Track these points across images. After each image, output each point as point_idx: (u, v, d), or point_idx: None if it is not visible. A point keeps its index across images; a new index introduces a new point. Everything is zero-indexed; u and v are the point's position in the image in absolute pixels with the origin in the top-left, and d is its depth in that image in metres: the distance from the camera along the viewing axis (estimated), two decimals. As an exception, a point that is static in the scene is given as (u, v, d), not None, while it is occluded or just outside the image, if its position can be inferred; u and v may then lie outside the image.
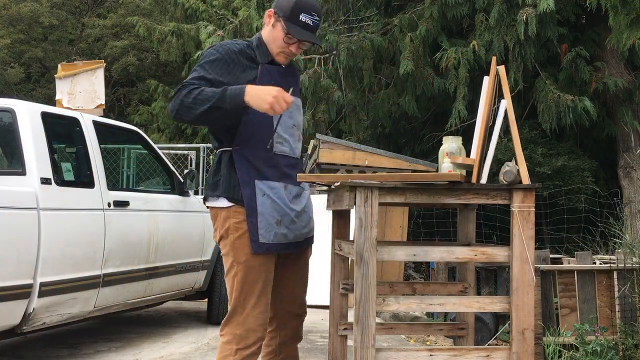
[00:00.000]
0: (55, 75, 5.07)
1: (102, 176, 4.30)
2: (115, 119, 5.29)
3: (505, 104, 2.37)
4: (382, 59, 9.59)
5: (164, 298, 5.04)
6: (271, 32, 2.56)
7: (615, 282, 4.75)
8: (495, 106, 2.44)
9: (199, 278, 5.32)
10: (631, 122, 8.32)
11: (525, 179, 2.32)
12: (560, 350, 4.45)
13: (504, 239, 8.07)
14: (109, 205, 4.28)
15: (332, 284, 3.06)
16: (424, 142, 10.18)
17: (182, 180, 5.17)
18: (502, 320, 5.48)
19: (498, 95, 2.44)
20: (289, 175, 2.56)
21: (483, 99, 2.44)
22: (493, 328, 5.40)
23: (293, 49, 2.56)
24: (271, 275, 2.55)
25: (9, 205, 3.54)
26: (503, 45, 8.13)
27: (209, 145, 9.86)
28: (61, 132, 4.39)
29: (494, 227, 8.42)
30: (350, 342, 3.06)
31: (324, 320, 5.88)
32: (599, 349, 4.20)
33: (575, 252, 5.27)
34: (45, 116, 3.99)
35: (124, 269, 4.36)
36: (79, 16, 20.39)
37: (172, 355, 4.45)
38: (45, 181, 3.80)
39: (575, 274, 4.83)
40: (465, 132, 8.20)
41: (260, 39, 2.60)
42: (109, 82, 17.71)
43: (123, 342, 4.83)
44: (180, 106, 2.38)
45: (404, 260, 6.10)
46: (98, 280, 4.13)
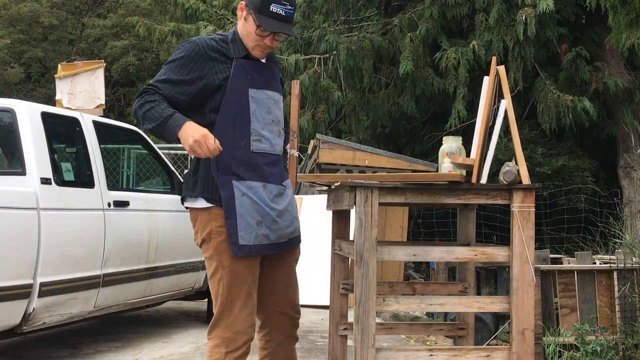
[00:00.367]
0: (55, 75, 5.07)
1: (102, 176, 4.30)
2: (115, 119, 5.30)
3: (505, 104, 2.37)
4: (382, 59, 9.59)
5: (164, 298, 5.04)
6: (244, 26, 2.46)
7: (615, 282, 4.75)
8: (495, 106, 2.44)
9: (199, 278, 5.31)
10: (631, 122, 8.33)
11: (525, 179, 2.32)
12: (560, 350, 4.45)
13: (504, 239, 8.07)
14: (109, 205, 4.28)
15: (332, 284, 3.07)
16: (424, 142, 10.18)
17: (182, 180, 5.17)
18: (502, 320, 5.48)
19: (498, 95, 2.44)
20: (269, 173, 2.48)
21: (483, 99, 2.45)
22: (493, 328, 5.40)
23: (268, 41, 2.45)
24: (256, 277, 2.49)
25: (9, 205, 3.54)
26: (503, 45, 8.14)
27: (209, 145, 9.82)
28: (61, 132, 4.39)
29: (494, 227, 8.42)
30: (350, 342, 3.06)
31: (324, 320, 5.88)
32: (599, 349, 4.20)
33: (575, 252, 5.27)
34: (45, 116, 3.99)
35: (124, 269, 4.36)
36: (79, 16, 20.41)
37: (172, 355, 4.45)
38: (45, 181, 3.80)
39: (575, 274, 4.84)
40: (465, 132, 8.20)
41: (235, 33, 2.51)
42: (109, 82, 17.72)
43: (123, 342, 4.83)
44: (135, 114, 2.40)
45: (404, 260, 6.11)
46: (98, 280, 4.13)
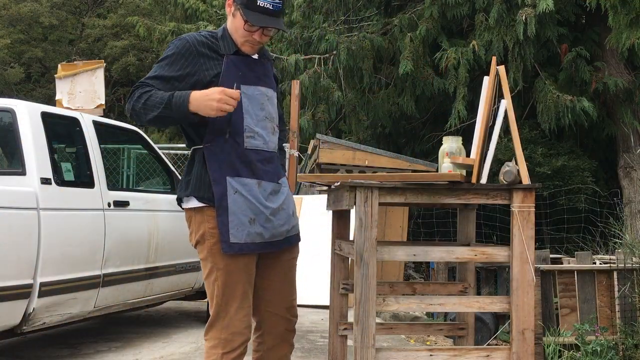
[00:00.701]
0: (55, 75, 5.07)
1: (102, 176, 4.30)
2: (115, 119, 5.29)
3: (505, 104, 2.37)
4: (382, 59, 9.59)
5: (164, 298, 5.04)
6: (232, 22, 2.43)
7: (615, 282, 4.75)
8: (495, 106, 2.44)
9: (199, 278, 5.31)
10: (631, 122, 8.33)
11: (525, 179, 2.32)
12: (560, 350, 4.45)
13: (504, 239, 8.07)
14: (109, 205, 4.28)
15: (332, 284, 3.06)
16: (424, 142, 10.19)
17: (182, 181, 5.17)
18: (502, 320, 5.48)
19: (498, 95, 2.44)
20: (263, 170, 2.45)
21: (483, 99, 2.45)
22: (493, 328, 5.40)
23: (257, 37, 2.41)
24: (252, 277, 2.47)
25: (9, 205, 3.54)
26: (503, 45, 8.14)
27: (209, 145, 9.82)
28: (61, 132, 4.38)
29: (494, 227, 8.42)
30: (350, 342, 3.06)
31: (324, 320, 5.88)
32: (599, 349, 4.20)
33: (575, 252, 5.28)
34: (45, 116, 3.99)
35: (124, 269, 4.36)
36: (79, 16, 20.41)
37: (172, 355, 4.45)
38: (45, 181, 3.80)
39: (575, 274, 4.84)
40: (465, 132, 8.20)
41: (225, 30, 2.49)
42: (109, 82, 17.72)
43: (123, 342, 4.83)
44: (132, 110, 2.36)
45: (404, 260, 6.11)
46: (98, 280, 4.13)
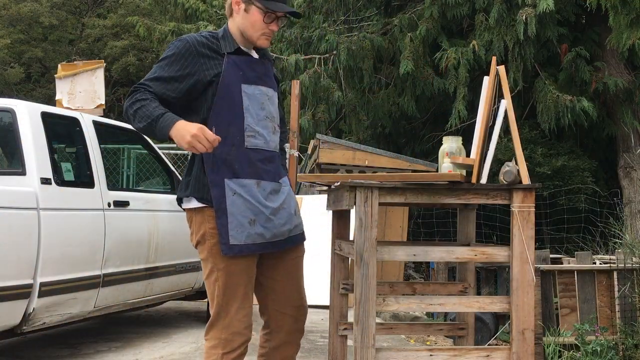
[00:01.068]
0: (55, 75, 5.07)
1: (102, 176, 4.30)
2: (115, 119, 5.29)
3: (505, 104, 2.37)
4: (382, 59, 9.59)
5: (164, 298, 5.04)
6: (246, 17, 2.45)
7: (615, 282, 4.75)
8: (495, 106, 2.44)
9: (199, 278, 5.31)
10: (631, 122, 8.33)
11: (525, 179, 2.32)
12: (560, 350, 4.45)
13: (504, 239, 8.07)
14: (109, 205, 4.28)
15: (332, 284, 3.06)
16: (424, 142, 10.19)
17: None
18: (502, 320, 5.48)
19: (498, 95, 2.44)
20: (264, 170, 2.45)
21: (483, 99, 2.44)
22: (493, 328, 5.40)
23: (273, 27, 2.46)
24: (252, 277, 2.47)
25: (9, 205, 3.54)
26: (503, 45, 8.14)
27: (209, 145, 9.80)
28: (61, 132, 4.38)
29: (494, 227, 8.42)
30: (350, 342, 3.06)
31: (324, 320, 5.88)
32: (599, 349, 4.20)
33: (575, 252, 5.28)
34: (45, 116, 3.99)
35: (124, 269, 4.36)
36: (79, 16, 20.41)
37: (172, 355, 4.45)
38: (45, 181, 3.80)
39: (575, 274, 4.84)
40: (465, 132, 8.20)
41: (226, 30, 2.50)
42: (109, 82, 17.72)
43: (123, 342, 4.83)
44: (126, 113, 2.38)
45: (404, 260, 6.11)
46: (98, 280, 4.13)
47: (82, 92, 4.89)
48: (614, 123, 8.73)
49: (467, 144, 2.54)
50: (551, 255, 5.69)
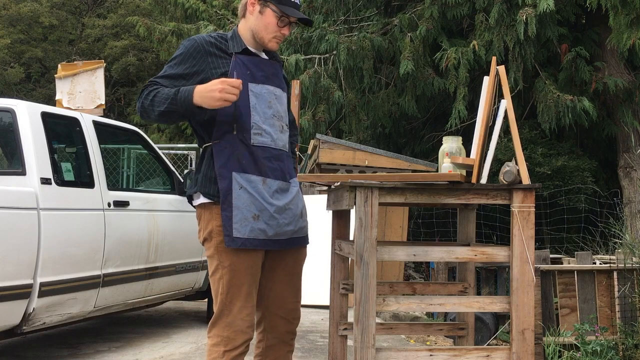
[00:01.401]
0: (55, 75, 5.07)
1: (102, 176, 4.30)
2: (115, 119, 5.29)
3: (505, 104, 2.37)
4: (382, 59, 9.59)
5: (164, 298, 5.04)
6: (260, 19, 2.50)
7: (615, 282, 4.75)
8: (495, 106, 2.44)
9: (198, 278, 5.31)
10: (631, 122, 8.33)
11: (525, 179, 2.32)
12: (560, 350, 4.45)
13: (504, 239, 8.07)
14: (109, 205, 4.28)
15: (332, 284, 3.06)
16: (424, 142, 10.19)
17: (182, 180, 5.17)
18: (502, 320, 5.48)
19: (498, 95, 2.43)
20: (269, 167, 2.49)
21: (483, 99, 2.44)
22: (493, 328, 5.40)
23: (285, 31, 2.53)
24: (257, 277, 2.49)
25: (9, 205, 3.54)
26: (503, 45, 8.14)
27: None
28: (61, 132, 4.39)
29: (494, 227, 8.43)
30: (350, 342, 3.06)
31: (324, 320, 5.88)
32: (599, 349, 4.20)
33: (575, 252, 5.27)
34: (45, 116, 3.99)
35: (124, 269, 4.36)
36: (79, 16, 20.41)
37: (172, 355, 4.45)
38: (45, 181, 3.80)
39: (575, 274, 4.84)
40: (465, 132, 8.21)
41: (235, 32, 2.56)
42: (109, 82, 17.72)
43: (123, 342, 4.83)
44: (142, 107, 2.43)
45: (404, 260, 6.11)
46: (98, 280, 4.13)
47: (82, 92, 4.90)
48: (614, 123, 8.74)
49: (467, 144, 2.54)
50: (551, 255, 5.69)
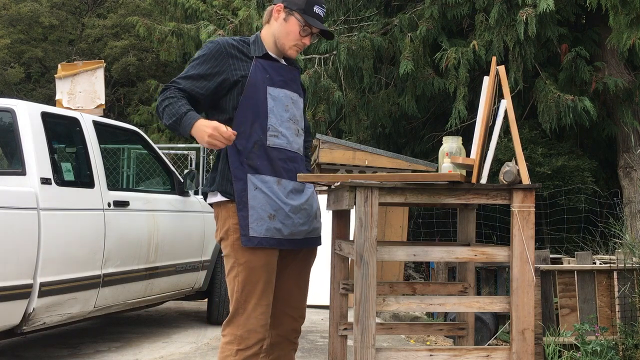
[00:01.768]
0: (55, 75, 5.07)
1: (102, 176, 4.30)
2: (115, 119, 5.30)
3: (505, 104, 2.36)
4: (382, 59, 9.59)
5: (164, 298, 5.04)
6: (283, 26, 2.59)
7: (615, 282, 4.75)
8: (495, 106, 2.44)
9: (199, 278, 5.32)
10: (631, 122, 8.33)
11: (525, 179, 2.32)
12: (560, 350, 4.45)
13: (504, 239, 8.07)
14: (109, 205, 4.28)
15: (332, 284, 3.06)
16: (424, 142, 10.19)
17: (182, 180, 5.17)
18: (502, 320, 5.48)
19: (498, 95, 2.43)
20: (284, 168, 2.55)
21: (483, 99, 2.44)
22: (493, 328, 5.40)
23: (306, 41, 2.62)
24: (273, 276, 2.53)
25: (9, 205, 3.54)
26: (503, 45, 8.14)
27: (209, 145, 9.82)
28: (61, 132, 4.39)
29: (494, 227, 8.42)
30: (350, 342, 3.06)
31: (324, 320, 5.89)
32: (599, 349, 4.20)
33: (575, 252, 5.27)
34: (45, 116, 3.99)
35: (124, 269, 4.36)
36: (79, 16, 20.40)
37: (172, 355, 4.45)
38: (45, 181, 3.80)
39: (575, 274, 4.84)
40: (465, 132, 8.21)
41: (258, 36, 2.64)
42: (109, 82, 17.71)
43: (123, 342, 4.83)
44: (157, 110, 2.53)
45: (404, 260, 6.11)
46: (98, 280, 4.13)
47: (82, 92, 4.90)
48: (614, 123, 8.73)
49: (467, 144, 2.54)
50: (551, 255, 5.69)
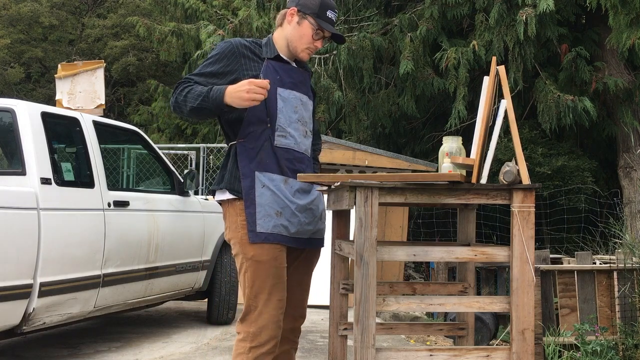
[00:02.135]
0: (55, 75, 5.08)
1: (102, 176, 4.30)
2: (115, 119, 5.30)
3: (505, 104, 2.36)
4: (382, 59, 9.59)
5: (164, 298, 5.04)
6: (297, 29, 2.62)
7: (615, 282, 4.75)
8: (495, 106, 2.44)
9: (199, 278, 5.31)
10: (631, 122, 8.33)
11: (525, 179, 2.32)
12: (560, 350, 4.45)
13: (504, 239, 8.07)
14: (109, 205, 4.28)
15: (332, 284, 3.06)
16: (424, 142, 10.18)
17: (182, 180, 5.17)
18: (502, 320, 5.48)
19: (498, 95, 2.43)
20: (290, 169, 2.58)
21: (483, 99, 2.44)
22: (493, 328, 5.40)
23: (318, 44, 2.66)
24: (283, 272, 2.55)
25: (9, 205, 3.54)
26: (503, 45, 8.14)
27: (209, 145, 9.86)
28: (61, 132, 4.38)
29: (494, 227, 8.42)
30: (350, 342, 3.06)
31: (324, 320, 5.89)
32: (599, 349, 4.20)
33: (575, 252, 5.27)
34: (45, 116, 3.99)
35: (124, 269, 4.36)
36: (79, 16, 20.40)
37: (172, 355, 4.45)
38: (45, 181, 3.80)
39: (575, 274, 4.84)
40: (465, 132, 8.21)
41: (270, 39, 2.68)
42: (109, 82, 17.71)
43: (123, 342, 4.83)
44: (176, 102, 2.54)
45: (404, 260, 6.11)
46: (98, 280, 4.13)
47: (82, 92, 4.90)
48: (614, 123, 8.73)
49: (467, 144, 2.54)
50: (551, 255, 5.69)
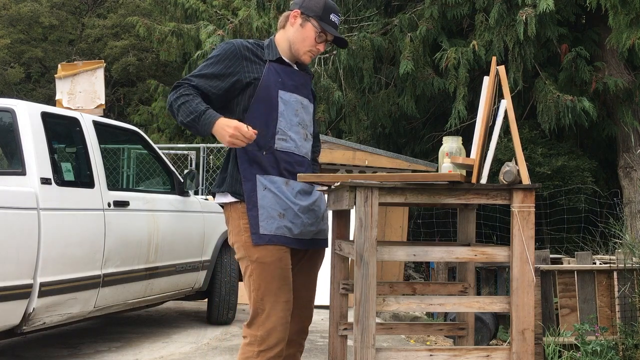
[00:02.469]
0: (55, 75, 5.08)
1: (102, 176, 4.30)
2: (115, 119, 5.30)
3: (505, 104, 2.36)
4: (382, 59, 9.59)
5: (164, 298, 5.04)
6: (300, 32, 2.61)
7: (615, 282, 4.75)
8: (495, 106, 2.44)
9: (199, 278, 5.31)
10: (631, 122, 8.33)
11: (525, 179, 2.32)
12: (560, 350, 4.45)
13: (504, 239, 8.07)
14: (109, 205, 4.28)
15: (332, 284, 3.06)
16: (424, 142, 10.19)
17: (182, 180, 5.17)
18: (502, 320, 5.48)
19: (498, 95, 2.43)
20: (290, 172, 2.58)
21: (483, 99, 2.44)
22: (493, 328, 5.40)
23: (320, 47, 2.65)
24: (289, 273, 2.54)
25: (9, 205, 3.54)
26: (503, 45, 8.14)
27: (209, 145, 9.86)
28: (61, 132, 4.39)
29: (494, 227, 8.42)
30: (350, 342, 3.06)
31: (324, 320, 5.89)
32: (599, 349, 4.20)
33: (575, 252, 5.27)
34: (45, 116, 3.99)
35: (124, 269, 4.36)
36: (79, 16, 20.40)
37: (172, 355, 4.45)
38: (45, 181, 3.80)
39: (575, 274, 4.83)
40: (465, 132, 8.21)
41: (272, 40, 2.68)
42: (109, 82, 17.71)
43: (123, 342, 4.83)
44: (170, 107, 2.54)
45: (404, 260, 6.11)
46: (98, 280, 4.13)
47: (82, 92, 4.90)
48: (614, 123, 8.73)
49: (467, 144, 2.54)
50: (551, 255, 5.69)
